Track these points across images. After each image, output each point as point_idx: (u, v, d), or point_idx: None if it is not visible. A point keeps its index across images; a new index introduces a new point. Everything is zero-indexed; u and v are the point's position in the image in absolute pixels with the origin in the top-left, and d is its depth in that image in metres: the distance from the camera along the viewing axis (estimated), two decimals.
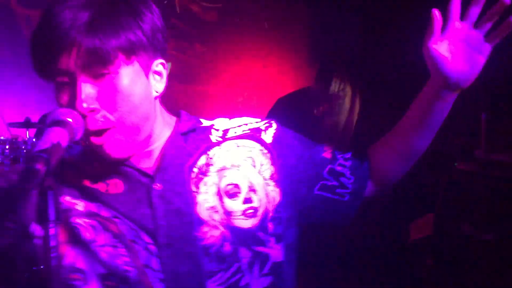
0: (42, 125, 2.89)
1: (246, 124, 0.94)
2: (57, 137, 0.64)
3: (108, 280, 0.80)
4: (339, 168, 0.93)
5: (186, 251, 0.80)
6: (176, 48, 4.29)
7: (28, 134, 2.64)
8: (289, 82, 4.76)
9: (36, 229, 0.54)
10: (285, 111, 2.49)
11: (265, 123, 0.95)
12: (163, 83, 0.85)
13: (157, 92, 0.84)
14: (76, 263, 0.81)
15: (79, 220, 0.82)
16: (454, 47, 0.79)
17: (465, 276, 2.74)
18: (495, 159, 2.68)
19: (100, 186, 0.84)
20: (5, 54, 3.88)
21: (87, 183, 0.84)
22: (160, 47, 0.83)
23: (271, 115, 2.54)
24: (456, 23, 0.79)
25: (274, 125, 0.95)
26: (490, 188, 2.74)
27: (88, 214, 0.83)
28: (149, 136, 0.85)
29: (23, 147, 2.51)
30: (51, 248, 0.56)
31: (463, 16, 0.78)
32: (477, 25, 0.79)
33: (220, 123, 0.94)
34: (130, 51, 0.76)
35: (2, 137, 2.56)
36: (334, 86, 2.37)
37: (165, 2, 4.34)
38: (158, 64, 0.84)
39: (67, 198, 0.83)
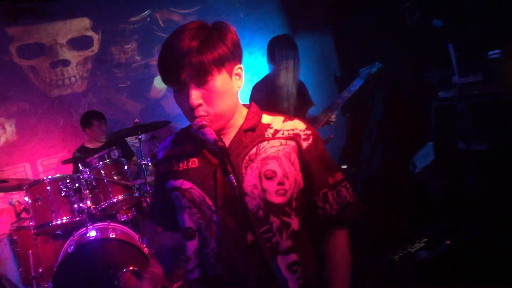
0: (86, 155, 3.29)
1: (293, 130, 1.19)
2: (211, 132, 1.04)
3: (188, 232, 1.18)
4: (330, 197, 1.20)
5: (234, 211, 1.11)
6: None
7: (80, 166, 3.00)
8: None
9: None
10: (257, 88, 3.19)
11: (306, 135, 1.19)
12: (242, 81, 1.16)
13: (238, 87, 1.15)
14: (183, 222, 1.20)
15: (171, 195, 1.21)
16: None
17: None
18: (468, 82, 3.13)
19: (183, 164, 1.21)
20: (24, 105, 4.19)
21: (176, 164, 1.22)
22: (238, 55, 1.14)
23: (253, 95, 3.20)
24: None
25: (311, 139, 1.19)
26: (472, 106, 3.19)
27: (174, 189, 1.20)
28: (230, 119, 1.16)
29: (81, 177, 2.90)
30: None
31: None
32: None
33: (276, 123, 1.21)
34: (220, 64, 1.07)
35: (58, 175, 2.94)
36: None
37: (148, 19, 4.68)
38: (238, 68, 1.14)
39: (170, 181, 1.23)
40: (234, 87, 1.15)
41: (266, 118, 1.23)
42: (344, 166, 5.33)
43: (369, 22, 4.69)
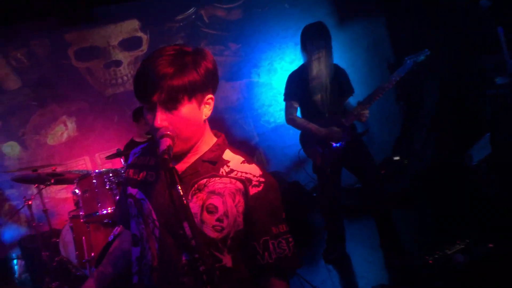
0: (127, 150, 3.51)
1: (247, 173, 1.22)
2: (167, 142, 1.09)
3: (135, 238, 1.27)
4: (271, 246, 1.20)
5: (173, 231, 1.18)
6: (214, 53, 4.72)
7: (122, 161, 3.21)
8: None
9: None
10: (292, 78, 3.16)
11: (257, 181, 1.21)
12: (210, 110, 1.21)
13: (205, 116, 1.21)
14: (131, 228, 1.30)
15: (127, 201, 1.30)
16: None
17: None
18: None
19: (143, 175, 1.29)
20: (82, 104, 4.59)
21: (138, 173, 1.31)
22: (211, 84, 1.19)
23: (286, 91, 3.20)
24: None
25: (261, 187, 1.20)
26: None
27: (130, 196, 1.28)
28: (194, 145, 1.23)
29: (122, 172, 3.12)
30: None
31: None
32: None
33: (235, 162, 1.24)
34: (191, 92, 1.13)
35: (104, 169, 3.18)
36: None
37: (193, 16, 4.82)
38: (208, 98, 1.20)
39: (129, 188, 1.32)
40: (201, 116, 1.19)
41: (227, 154, 1.27)
42: (397, 158, 5.06)
43: (422, 5, 4.37)
